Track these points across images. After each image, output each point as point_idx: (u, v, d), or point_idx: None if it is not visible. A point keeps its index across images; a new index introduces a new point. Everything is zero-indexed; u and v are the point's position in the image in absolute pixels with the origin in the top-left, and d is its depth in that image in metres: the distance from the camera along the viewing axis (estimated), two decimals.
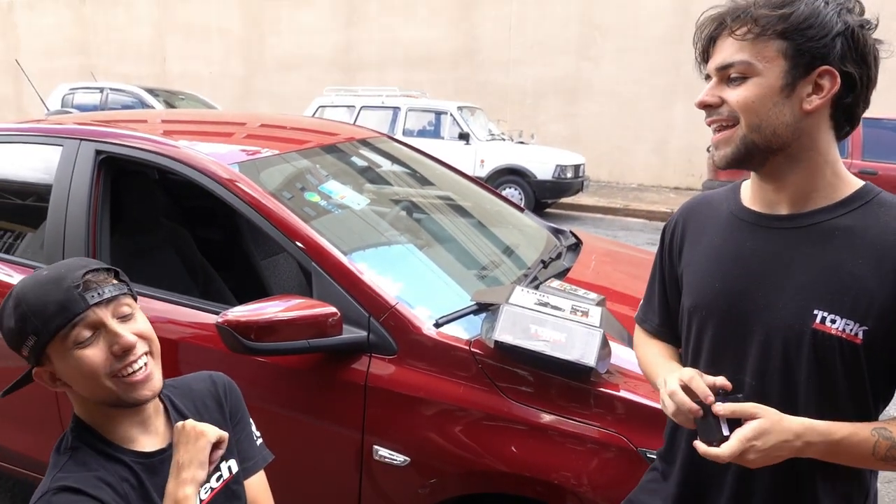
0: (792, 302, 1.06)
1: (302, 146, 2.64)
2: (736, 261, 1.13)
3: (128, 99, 11.34)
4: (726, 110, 1.07)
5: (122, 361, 1.07)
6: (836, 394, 1.05)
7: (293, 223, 1.98)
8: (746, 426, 0.98)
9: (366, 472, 1.83)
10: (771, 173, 1.09)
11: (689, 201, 1.32)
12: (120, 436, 1.13)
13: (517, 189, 9.55)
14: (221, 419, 1.29)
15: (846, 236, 1.04)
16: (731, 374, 1.09)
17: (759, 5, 1.03)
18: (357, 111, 10.23)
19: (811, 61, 1.01)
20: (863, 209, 1.06)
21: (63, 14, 17.82)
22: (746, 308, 1.10)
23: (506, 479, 1.69)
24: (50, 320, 1.03)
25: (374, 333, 1.82)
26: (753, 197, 1.16)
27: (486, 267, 2.46)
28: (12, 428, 2.45)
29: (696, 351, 1.19)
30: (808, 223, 1.08)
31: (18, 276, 2.35)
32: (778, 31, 1.01)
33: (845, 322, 1.01)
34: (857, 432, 0.99)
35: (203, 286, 2.88)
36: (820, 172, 1.07)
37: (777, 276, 1.08)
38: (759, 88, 1.03)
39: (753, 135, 1.05)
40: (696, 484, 1.21)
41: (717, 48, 1.08)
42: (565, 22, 13.11)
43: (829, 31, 1.00)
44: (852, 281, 1.02)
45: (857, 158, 7.83)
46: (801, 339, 1.04)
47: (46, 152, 2.43)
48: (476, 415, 1.71)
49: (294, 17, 15.58)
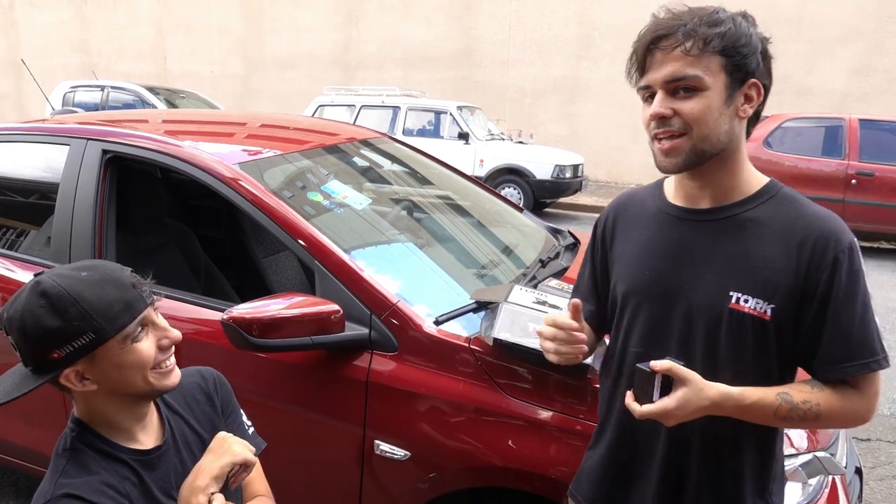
0: (712, 285, 1.19)
1: (303, 146, 2.68)
2: (664, 251, 1.26)
3: (128, 97, 11.36)
4: (677, 122, 1.15)
5: (165, 354, 1.15)
6: (748, 365, 1.19)
7: (297, 222, 2.02)
8: (673, 396, 1.11)
9: (367, 466, 1.87)
10: (702, 173, 1.21)
11: (618, 199, 1.43)
12: (121, 434, 1.16)
13: (516, 189, 9.59)
14: (213, 412, 1.32)
15: (756, 227, 1.19)
16: (659, 351, 1.22)
17: (698, 24, 1.12)
18: (357, 110, 10.26)
19: (744, 76, 1.15)
20: (769, 202, 1.21)
21: (64, 12, 17.83)
22: (674, 292, 1.23)
23: (504, 474, 1.73)
24: (116, 318, 1.07)
25: (375, 330, 1.86)
26: (677, 193, 1.29)
27: (485, 266, 2.50)
28: (16, 422, 2.48)
29: (628, 332, 1.31)
30: (726, 216, 1.21)
31: (23, 273, 2.38)
32: (718, 48, 1.12)
33: (756, 301, 1.16)
34: (765, 397, 1.14)
35: (206, 284, 2.92)
36: (739, 171, 1.22)
37: (699, 264, 1.21)
38: (708, 101, 1.14)
39: (703, 144, 1.15)
40: (631, 444, 1.33)
41: (659, 61, 1.15)
42: (564, 22, 13.15)
43: (755, 49, 1.15)
44: (762, 265, 1.16)
45: (855, 160, 7.87)
46: (721, 317, 1.18)
47: (53, 151, 2.46)
48: (475, 410, 1.75)
49: (294, 16, 15.60)
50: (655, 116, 1.16)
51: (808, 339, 1.17)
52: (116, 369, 1.10)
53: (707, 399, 1.11)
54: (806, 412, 1.14)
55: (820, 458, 1.69)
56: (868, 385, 1.16)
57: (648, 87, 1.17)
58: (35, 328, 1.05)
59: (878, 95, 11.23)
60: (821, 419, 1.15)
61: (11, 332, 1.07)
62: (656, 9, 1.20)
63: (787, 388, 1.16)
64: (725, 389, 1.13)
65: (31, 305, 1.05)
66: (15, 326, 1.06)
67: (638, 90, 1.20)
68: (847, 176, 7.86)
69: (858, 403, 1.16)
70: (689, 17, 1.13)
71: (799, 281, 1.14)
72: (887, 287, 6.46)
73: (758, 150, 8.25)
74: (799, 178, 8.04)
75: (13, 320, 1.07)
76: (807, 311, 1.15)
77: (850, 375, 1.15)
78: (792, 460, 1.67)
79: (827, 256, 1.13)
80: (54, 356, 1.06)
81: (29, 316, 1.05)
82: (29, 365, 1.09)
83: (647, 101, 1.19)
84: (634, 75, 1.20)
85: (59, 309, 1.04)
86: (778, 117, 8.58)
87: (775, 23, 11.80)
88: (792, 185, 1.24)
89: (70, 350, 1.05)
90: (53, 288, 1.06)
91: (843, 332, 1.14)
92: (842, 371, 1.15)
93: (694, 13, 1.14)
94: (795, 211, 1.19)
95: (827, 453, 1.77)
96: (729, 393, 1.12)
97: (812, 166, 8.05)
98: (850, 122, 8.03)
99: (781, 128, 8.34)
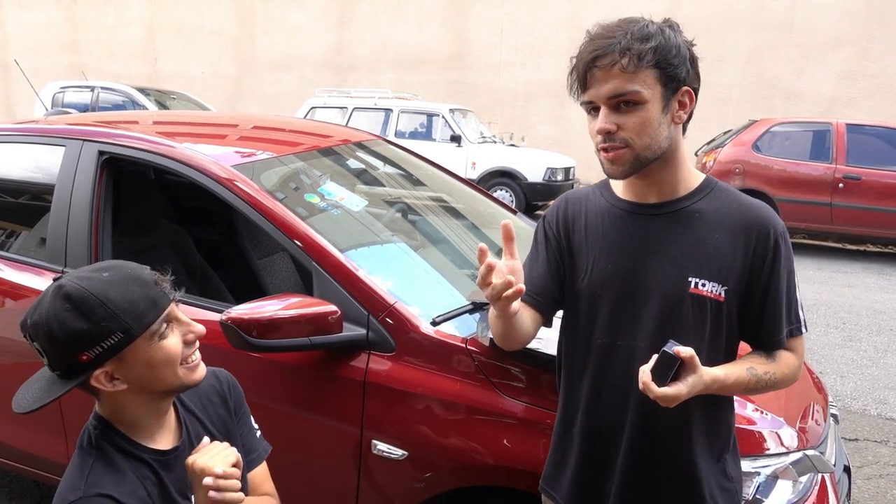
0: (672, 272, 1.29)
1: (298, 148, 2.69)
2: (622, 244, 1.34)
3: (119, 98, 11.31)
4: (620, 136, 1.23)
5: (191, 348, 1.17)
6: (705, 343, 1.30)
7: (294, 223, 2.03)
8: (685, 382, 1.18)
9: (364, 466, 1.89)
10: (647, 174, 1.29)
11: (567, 195, 1.49)
12: (142, 433, 1.17)
13: (508, 191, 9.63)
14: (226, 414, 1.34)
15: (703, 217, 1.31)
16: (626, 340, 1.33)
17: (631, 39, 1.20)
18: (349, 112, 10.27)
19: (677, 85, 1.24)
20: (711, 195, 1.33)
21: (53, 12, 17.71)
22: (635, 283, 1.32)
23: (499, 473, 1.75)
24: (143, 316, 1.07)
25: (373, 331, 1.87)
26: (626, 190, 1.37)
27: (479, 268, 2.52)
28: (10, 425, 2.48)
29: (591, 324, 1.37)
30: (675, 209, 1.32)
31: (18, 274, 2.38)
32: (652, 62, 1.20)
33: (712, 284, 1.28)
34: (740, 375, 1.27)
35: (201, 285, 2.92)
36: (680, 168, 1.32)
37: (656, 254, 1.31)
38: (648, 113, 1.22)
39: (646, 152, 1.25)
40: (597, 433, 1.39)
41: (600, 79, 1.22)
42: (555, 25, 13.21)
43: (685, 58, 1.24)
44: (713, 251, 1.28)
45: (842, 164, 7.96)
46: (682, 301, 1.28)
47: (49, 152, 2.46)
48: (471, 410, 1.77)
49: (286, 18, 15.58)
50: (602, 132, 1.24)
51: (754, 313, 1.32)
52: (146, 367, 1.11)
53: (703, 384, 1.20)
54: (767, 381, 1.30)
55: (810, 457, 1.72)
56: (800, 346, 1.37)
57: (591, 103, 1.26)
58: (62, 332, 1.04)
59: (866, 100, 11.36)
60: (776, 385, 1.33)
61: (37, 338, 1.07)
62: (630, 10, 1.25)
63: (750, 362, 1.31)
64: (714, 373, 1.23)
65: (55, 310, 1.05)
66: (41, 332, 1.06)
67: (581, 104, 1.29)
68: (834, 180, 7.94)
69: (795, 364, 1.35)
70: (621, 34, 1.20)
71: (746, 263, 1.28)
72: (874, 289, 6.54)
73: (747, 153, 8.34)
74: (787, 182, 8.13)
75: (39, 326, 1.06)
76: (753, 289, 1.30)
77: (792, 338, 1.33)
78: (782, 458, 1.70)
79: (769, 241, 1.29)
80: (83, 358, 1.06)
81: (55, 320, 1.05)
82: (56, 369, 1.09)
83: (591, 113, 1.27)
84: (577, 91, 1.27)
85: (86, 311, 1.04)
86: (767, 121, 8.67)
87: (766, 28, 11.94)
88: (780, 189, 1.31)
89: (99, 351, 1.06)
90: (77, 290, 1.06)
91: (785, 304, 1.31)
92: (784, 338, 1.32)
93: (625, 28, 1.22)
94: (733, 201, 1.33)
95: (817, 451, 1.80)
96: (716, 376, 1.22)
97: (800, 170, 8.13)
98: (838, 127, 8.12)
99: (770, 132, 8.43)
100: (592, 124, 1.27)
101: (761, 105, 11.79)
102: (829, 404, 2.27)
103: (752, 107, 11.60)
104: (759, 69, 12.06)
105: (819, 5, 11.58)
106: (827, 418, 2.15)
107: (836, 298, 6.19)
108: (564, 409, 1.47)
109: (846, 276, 7.16)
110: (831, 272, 7.36)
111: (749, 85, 12.07)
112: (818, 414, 2.11)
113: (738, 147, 8.44)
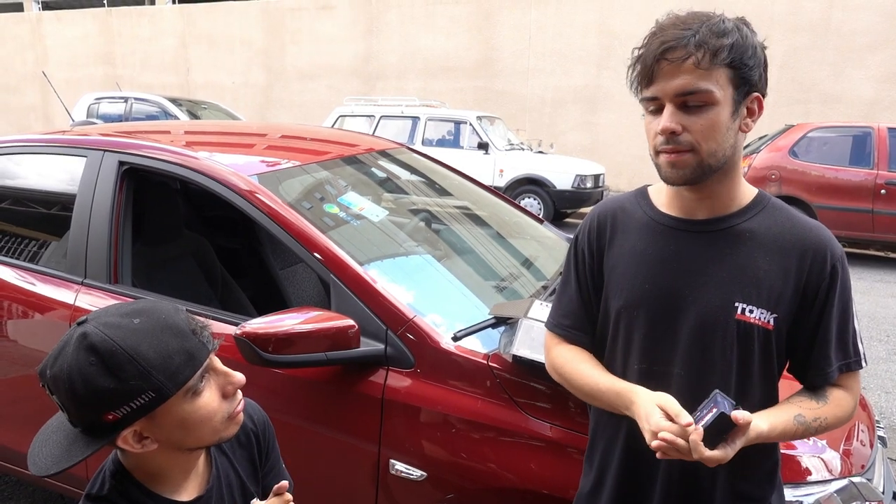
0: (716, 296, 1.18)
1: (322, 157, 2.65)
2: (662, 263, 1.23)
3: (152, 108, 11.50)
4: (685, 138, 1.11)
5: (231, 402, 1.05)
6: (753, 374, 1.20)
7: (312, 234, 1.98)
8: (733, 446, 1.08)
9: (382, 486, 1.82)
10: (700, 186, 1.18)
11: (601, 207, 1.37)
12: (165, 485, 1.07)
13: (536, 199, 9.53)
14: (255, 454, 1.26)
15: (753, 237, 1.19)
16: (661, 367, 1.22)
17: (708, 33, 1.08)
18: (377, 121, 10.29)
19: (749, 89, 1.13)
20: (762, 213, 1.22)
21: (89, 25, 18.17)
22: (675, 305, 1.21)
23: (523, 496, 1.67)
24: (178, 373, 0.95)
25: (391, 346, 1.81)
26: (671, 203, 1.26)
27: (504, 279, 2.45)
28: (29, 436, 2.47)
29: (627, 348, 1.27)
30: (723, 227, 1.21)
31: (39, 285, 2.37)
32: (727, 60, 1.08)
33: (760, 311, 1.17)
34: (786, 427, 1.16)
35: (222, 295, 2.90)
36: (737, 183, 1.21)
37: (700, 275, 1.20)
38: (718, 117, 1.10)
39: (710, 159, 1.13)
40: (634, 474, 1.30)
41: (669, 73, 1.10)
42: (584, 31, 13.10)
43: (760, 61, 1.12)
44: (763, 276, 1.17)
45: (884, 169, 7.70)
46: (727, 328, 1.18)
47: (71, 163, 2.46)
48: (493, 430, 1.70)
49: (314, 28, 15.75)
50: (665, 132, 1.12)
51: (803, 345, 1.21)
52: (179, 427, 0.99)
53: (749, 441, 1.11)
54: (817, 428, 1.19)
55: (856, 484, 1.61)
56: (855, 383, 1.24)
57: (656, 99, 1.13)
58: (86, 389, 0.92)
59: None
60: (828, 430, 1.21)
61: (57, 392, 0.94)
62: (661, 15, 1.15)
63: (799, 408, 1.19)
64: (760, 429, 1.12)
65: (79, 363, 0.92)
66: (62, 387, 0.93)
67: (642, 101, 1.17)
68: (876, 186, 7.68)
69: (849, 403, 1.23)
70: (697, 25, 1.09)
71: (799, 290, 1.17)
72: None
73: (783, 159, 8.11)
74: (826, 189, 7.88)
75: (59, 380, 0.93)
76: (805, 319, 1.19)
77: (847, 373, 1.21)
78: (826, 486, 1.60)
79: (825, 267, 1.17)
80: (109, 418, 0.94)
81: (78, 376, 0.92)
82: (78, 426, 0.97)
83: (652, 112, 1.15)
84: (637, 86, 1.16)
85: (113, 367, 0.91)
86: (804, 126, 8.43)
87: (802, 30, 11.67)
88: (818, 196, 1.20)
89: (127, 411, 0.93)
90: (104, 342, 0.92)
91: (839, 336, 1.20)
92: (835, 372, 1.20)
93: (700, 21, 1.10)
94: (787, 220, 1.21)
95: (864, 478, 1.68)
96: (761, 432, 1.12)
97: (840, 176, 7.88)
98: (879, 131, 7.86)
99: (807, 137, 8.19)
100: (653, 123, 1.14)
101: (797, 109, 11.52)
102: (875, 424, 2.14)
103: (788, 111, 11.35)
104: (794, 72, 11.79)
105: (856, 6, 11.29)
106: (874, 440, 2.02)
107: (880, 310, 5.98)
108: (596, 433, 1.37)
109: (889, 286, 6.92)
110: (873, 282, 7.10)
111: (784, 89, 11.80)
112: (863, 435, 1.98)
113: (773, 153, 8.21)
